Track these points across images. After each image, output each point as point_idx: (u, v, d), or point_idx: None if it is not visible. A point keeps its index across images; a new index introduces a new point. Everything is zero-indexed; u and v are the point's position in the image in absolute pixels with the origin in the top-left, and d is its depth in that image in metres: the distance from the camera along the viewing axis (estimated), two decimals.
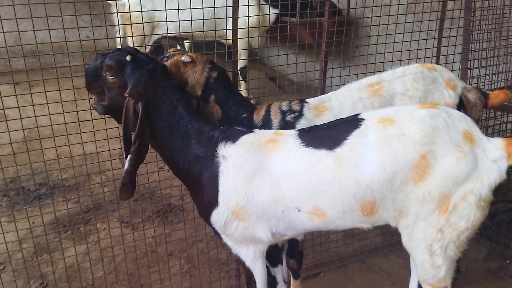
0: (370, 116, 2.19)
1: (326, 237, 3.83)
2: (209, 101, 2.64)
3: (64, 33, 2.69)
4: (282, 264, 2.89)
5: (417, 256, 2.20)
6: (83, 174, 4.58)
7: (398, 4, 3.57)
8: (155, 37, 5.82)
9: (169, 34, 5.16)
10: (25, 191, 4.51)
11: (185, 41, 6.85)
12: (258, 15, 5.01)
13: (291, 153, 2.20)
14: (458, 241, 2.12)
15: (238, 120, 2.67)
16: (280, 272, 2.87)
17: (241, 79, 6.00)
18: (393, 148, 2.06)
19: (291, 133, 2.30)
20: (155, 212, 4.37)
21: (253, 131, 2.37)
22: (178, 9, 2.94)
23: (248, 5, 3.41)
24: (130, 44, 5.48)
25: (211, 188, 2.26)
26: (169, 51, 2.70)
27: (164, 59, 2.61)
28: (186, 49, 7.07)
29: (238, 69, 4.39)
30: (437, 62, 3.67)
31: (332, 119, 2.66)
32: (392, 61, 3.58)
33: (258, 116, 2.70)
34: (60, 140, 3.66)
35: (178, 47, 2.70)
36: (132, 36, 3.12)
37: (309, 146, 2.18)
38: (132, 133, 2.29)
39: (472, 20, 3.37)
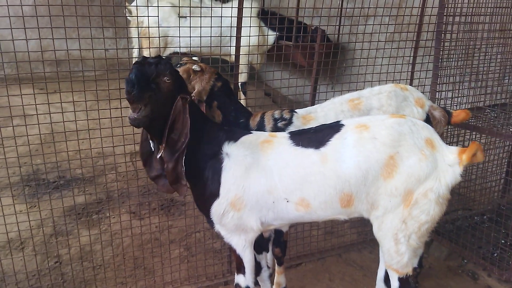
0: (349, 122, 2.37)
1: (308, 233, 3.95)
2: (212, 106, 2.75)
3: (92, 43, 2.80)
4: (266, 251, 3.02)
5: (384, 243, 2.35)
6: (98, 169, 4.69)
7: (379, 33, 3.72)
8: (167, 52, 5.95)
9: (180, 50, 5.27)
10: (45, 181, 4.62)
11: (193, 57, 6.97)
12: (258, 35, 5.14)
13: (284, 151, 2.35)
14: (419, 232, 2.27)
15: (237, 124, 2.79)
16: (264, 258, 2.99)
17: (241, 91, 6.10)
18: (366, 149, 2.23)
19: (284, 135, 2.45)
20: (160, 205, 4.46)
21: (251, 132, 2.51)
22: (190, 27, 3.07)
23: (250, 26, 3.54)
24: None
25: (214, 181, 2.35)
26: (183, 59, 2.81)
27: (178, 66, 2.72)
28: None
29: (239, 83, 4.51)
30: (411, 84, 3.82)
31: None
32: (372, 81, 3.73)
33: (253, 122, 2.83)
34: (80, 139, 3.74)
35: (195, 61, 2.79)
36: (150, 48, 3.25)
37: (299, 146, 2.34)
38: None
39: (441, 49, 3.53)
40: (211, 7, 3.37)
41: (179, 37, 3.02)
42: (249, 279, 2.59)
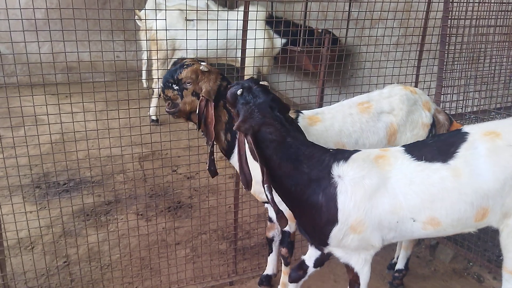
0: (474, 129, 2.24)
1: None
2: (218, 105, 2.76)
3: (102, 49, 2.83)
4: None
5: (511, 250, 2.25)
6: (107, 171, 4.76)
7: (384, 36, 3.73)
8: (176, 56, 6.01)
9: (187, 54, 5.35)
10: (55, 183, 4.68)
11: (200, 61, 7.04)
12: (264, 38, 5.17)
13: (405, 166, 2.19)
14: None
15: None
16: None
17: None
18: (503, 158, 2.10)
19: (397, 149, 2.31)
20: (167, 207, 4.51)
21: (358, 150, 2.33)
22: (197, 30, 3.11)
23: (256, 29, 3.58)
24: (154, 60, 5.73)
25: (330, 207, 2.18)
26: (185, 60, 2.84)
27: (184, 66, 2.75)
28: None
29: None
30: (416, 86, 3.84)
31: (324, 130, 2.80)
32: (377, 84, 3.74)
33: None
34: (90, 142, 3.77)
35: (203, 63, 2.82)
36: (157, 51, 3.29)
37: (422, 160, 2.19)
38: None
39: (446, 53, 3.54)
40: (217, 10, 3.43)
41: (186, 39, 3.06)
42: None
